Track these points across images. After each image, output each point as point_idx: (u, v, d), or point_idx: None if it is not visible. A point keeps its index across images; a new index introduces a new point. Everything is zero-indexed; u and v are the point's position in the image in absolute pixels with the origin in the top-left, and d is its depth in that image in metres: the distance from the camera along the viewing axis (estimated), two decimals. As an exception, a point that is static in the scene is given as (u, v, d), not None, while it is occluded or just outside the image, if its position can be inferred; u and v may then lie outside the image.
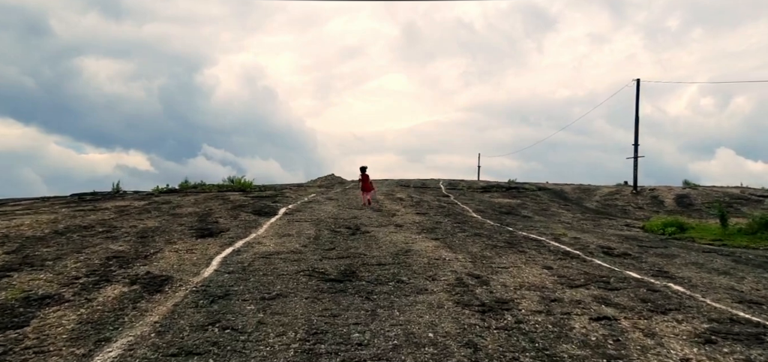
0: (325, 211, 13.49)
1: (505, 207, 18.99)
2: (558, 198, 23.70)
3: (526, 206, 19.67)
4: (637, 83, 22.74)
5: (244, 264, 7.08)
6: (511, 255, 8.41)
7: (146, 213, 11.58)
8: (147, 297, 5.50)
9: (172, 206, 12.94)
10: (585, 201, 22.72)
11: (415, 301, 5.70)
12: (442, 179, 33.73)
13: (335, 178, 41.54)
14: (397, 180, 33.11)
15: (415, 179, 34.37)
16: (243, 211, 12.46)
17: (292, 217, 11.99)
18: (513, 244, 9.58)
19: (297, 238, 9.29)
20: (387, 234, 10.28)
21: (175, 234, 9.01)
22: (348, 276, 6.72)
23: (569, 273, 7.06)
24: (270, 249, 8.15)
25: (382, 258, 7.78)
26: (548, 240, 10.42)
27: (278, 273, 6.73)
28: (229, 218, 11.37)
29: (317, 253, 8.04)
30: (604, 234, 12.03)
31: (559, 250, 9.03)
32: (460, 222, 12.78)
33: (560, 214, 17.51)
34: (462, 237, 10.22)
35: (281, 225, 10.87)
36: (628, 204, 20.83)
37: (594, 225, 14.44)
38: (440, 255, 8.19)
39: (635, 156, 22.84)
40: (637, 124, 22.74)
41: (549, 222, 14.75)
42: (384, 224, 11.75)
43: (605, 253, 8.94)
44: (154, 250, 7.62)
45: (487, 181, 34.77)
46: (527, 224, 13.97)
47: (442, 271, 7.06)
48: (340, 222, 11.55)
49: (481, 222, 13.39)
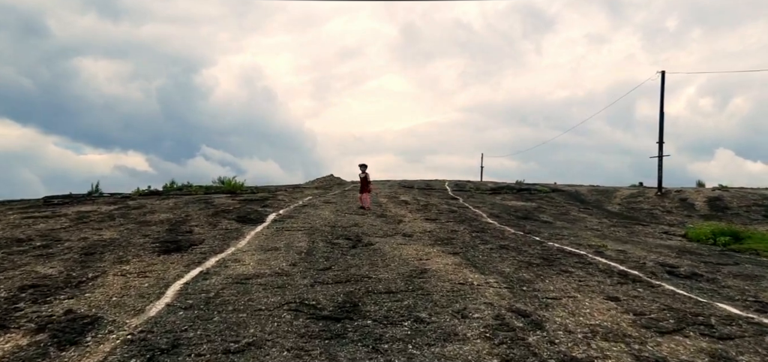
0: (322, 217, 11.72)
1: (521, 211, 17.22)
2: (574, 200, 21.94)
3: (544, 210, 17.90)
4: (662, 76, 20.98)
5: (209, 293, 5.31)
6: (555, 277, 6.64)
7: (109, 220, 9.81)
8: (52, 355, 3.74)
9: (143, 212, 11.16)
10: (605, 203, 20.96)
11: (442, 354, 3.95)
12: (447, 180, 31.99)
13: (334, 179, 39.77)
14: (400, 181, 31.34)
15: (419, 180, 32.61)
16: (225, 218, 10.68)
17: (282, 225, 10.21)
18: (551, 261, 7.81)
19: (285, 254, 7.52)
20: (395, 246, 8.52)
21: (133, 250, 7.24)
22: (348, 311, 4.96)
23: (644, 306, 5.29)
24: (248, 270, 6.38)
25: (391, 283, 6.02)
26: (590, 254, 8.65)
27: (254, 307, 4.96)
28: (206, 226, 9.60)
29: (308, 275, 6.27)
30: (649, 245, 10.26)
31: (611, 269, 7.26)
32: (478, 231, 11.01)
33: (584, 219, 15.74)
34: (486, 251, 8.45)
35: (268, 235, 9.09)
36: (654, 207, 19.07)
37: (628, 233, 12.67)
38: (465, 277, 6.42)
39: (660, 155, 21.06)
40: (661, 120, 20.94)
41: (576, 230, 12.99)
42: (390, 233, 9.98)
43: (670, 273, 7.16)
44: (95, 274, 5.85)
45: (494, 181, 33.02)
46: (553, 232, 12.21)
47: (472, 303, 5.29)
48: (339, 232, 9.79)
49: (501, 230, 11.62)
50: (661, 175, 20.81)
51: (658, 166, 21.02)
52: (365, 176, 14.99)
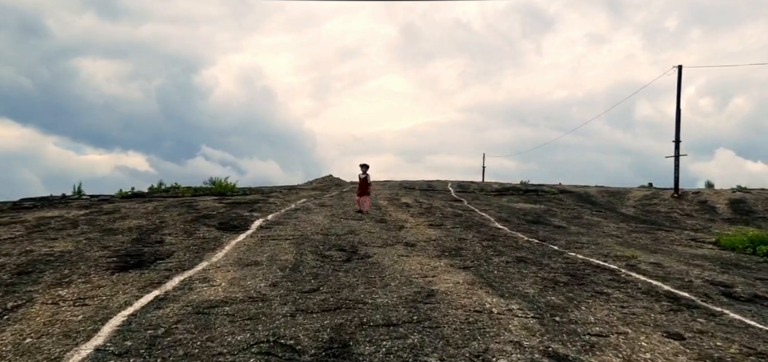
0: (314, 223, 10.54)
1: (530, 214, 16.04)
2: (585, 202, 20.75)
3: (554, 213, 16.71)
4: (678, 70, 19.74)
5: (158, 330, 4.14)
6: (591, 301, 5.46)
7: (70, 228, 8.64)
8: None
9: (114, 217, 10.00)
10: (617, 206, 19.77)
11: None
12: (449, 181, 30.82)
13: (333, 180, 38.64)
14: (400, 181, 30.18)
15: (420, 180, 31.45)
16: (205, 224, 9.51)
17: (268, 233, 9.04)
18: (579, 278, 6.64)
19: (266, 270, 6.35)
20: (396, 259, 7.34)
21: (82, 267, 6.07)
22: (335, 355, 3.80)
23: (720, 348, 4.12)
24: (217, 294, 5.21)
25: (392, 310, 4.86)
26: (622, 268, 7.47)
27: (213, 351, 3.80)
28: (181, 235, 8.43)
29: (290, 300, 5.10)
30: (682, 256, 9.08)
31: (655, 290, 6.08)
32: (489, 239, 9.84)
33: (599, 224, 14.56)
34: (501, 266, 7.27)
35: (250, 246, 7.92)
36: (671, 210, 17.89)
37: (653, 241, 11.49)
38: (482, 301, 5.26)
39: (676, 154, 19.82)
40: (678, 118, 19.70)
41: (594, 236, 11.81)
42: (390, 242, 8.81)
43: (727, 295, 5.99)
44: (17, 302, 4.68)
45: (498, 182, 31.84)
46: (570, 239, 11.03)
47: (495, 341, 4.13)
48: (332, 240, 8.61)
49: (513, 238, 10.44)
50: (677, 176, 19.59)
51: (674, 167, 19.77)
52: (365, 177, 13.77)
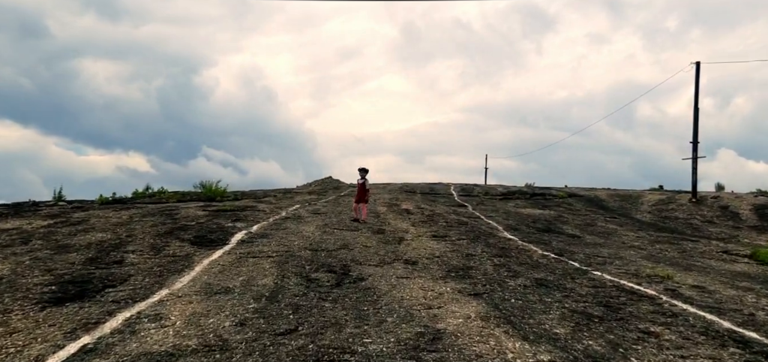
0: (304, 236, 9.42)
1: (541, 221, 14.91)
2: (596, 207, 19.61)
3: (566, 220, 15.59)
4: (696, 67, 18.53)
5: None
6: (640, 347, 4.33)
7: (19, 245, 7.53)
8: None
9: (77, 230, 8.89)
10: (631, 211, 18.62)
11: None
12: (452, 183, 29.69)
13: (332, 182, 37.54)
14: (400, 184, 29.07)
15: (422, 183, 30.33)
16: (179, 238, 8.39)
17: (248, 248, 7.91)
18: (614, 310, 5.51)
19: (237, 301, 5.23)
20: (394, 283, 6.22)
21: (7, 299, 4.95)
22: None
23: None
24: (165, 340, 4.09)
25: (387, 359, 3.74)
26: (660, 294, 6.33)
27: None
28: (147, 253, 7.31)
29: (258, 349, 3.98)
30: (722, 274, 7.94)
31: (711, 328, 4.95)
32: (500, 253, 8.71)
33: (616, 233, 13.43)
34: (518, 291, 6.15)
35: (225, 266, 6.80)
36: (691, 216, 16.74)
37: (681, 254, 10.35)
38: (501, 348, 4.13)
39: (694, 156, 18.61)
40: (696, 116, 18.48)
41: (615, 248, 10.69)
42: (388, 259, 7.68)
43: (804, 336, 4.85)
44: None
45: (503, 185, 30.70)
46: (588, 251, 9.91)
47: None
48: (321, 258, 7.49)
49: (527, 251, 9.32)
50: (695, 179, 18.36)
51: (692, 169, 18.54)
52: (364, 183, 12.63)
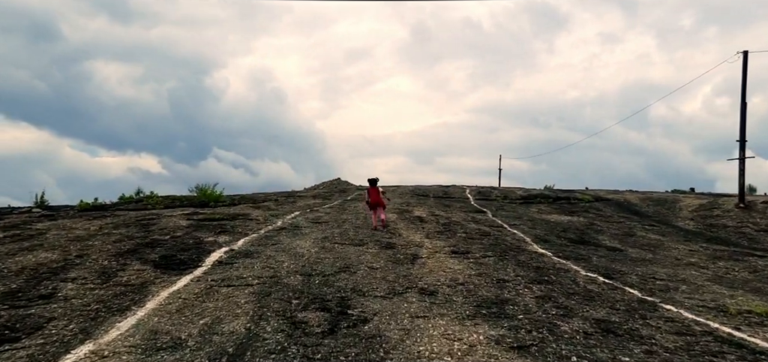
0: (297, 253, 7.81)
1: (572, 230, 13.17)
2: (629, 213, 17.77)
3: (599, 228, 13.82)
4: (743, 56, 16.60)
5: None
6: None
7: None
8: None
9: (21, 247, 7.36)
10: (670, 218, 16.75)
11: None
12: (467, 186, 27.95)
13: (339, 184, 35.99)
14: (412, 187, 27.38)
15: (434, 186, 28.63)
16: (143, 258, 6.83)
17: (225, 273, 6.32)
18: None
19: None
20: (407, 327, 4.58)
21: None
22: None
23: None
24: None
25: None
26: (777, 347, 4.61)
27: None
28: (92, 280, 5.75)
29: None
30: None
31: None
32: (537, 278, 7.02)
33: (663, 245, 11.64)
34: (579, 344, 4.47)
35: (187, 300, 5.21)
36: (741, 224, 14.85)
37: (753, 274, 8.57)
38: None
39: (742, 156, 16.62)
40: (743, 112, 16.45)
41: (672, 267, 8.93)
42: (399, 288, 6.04)
43: None
44: None
45: (521, 188, 28.86)
46: (640, 270, 8.19)
47: None
48: (314, 288, 5.87)
49: (568, 272, 7.62)
50: (743, 182, 16.42)
51: (739, 171, 16.58)
52: (375, 190, 11.58)
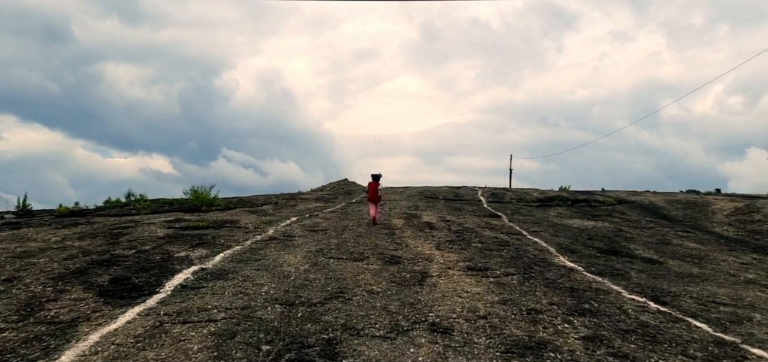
0: (283, 272, 6.54)
1: (598, 238, 11.79)
2: (656, 217, 16.31)
3: (629, 235, 12.41)
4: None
5: None
6: None
7: None
8: None
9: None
10: (704, 222, 15.27)
11: None
12: (478, 187, 26.57)
13: (345, 186, 34.75)
14: (420, 188, 26.05)
15: (444, 187, 27.27)
16: (88, 281, 5.60)
17: (185, 303, 5.06)
18: None
19: None
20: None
21: None
22: None
23: None
24: None
25: None
26: None
27: None
28: (10, 315, 4.52)
29: None
30: None
31: None
32: (576, 306, 5.68)
33: (707, 257, 10.22)
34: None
35: (120, 348, 3.96)
36: (788, 230, 13.36)
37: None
38: None
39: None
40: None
41: (728, 285, 7.54)
42: (404, 322, 4.74)
43: None
44: None
45: (535, 189, 27.40)
46: (696, 292, 6.82)
47: None
48: (295, 322, 4.60)
49: (608, 294, 6.28)
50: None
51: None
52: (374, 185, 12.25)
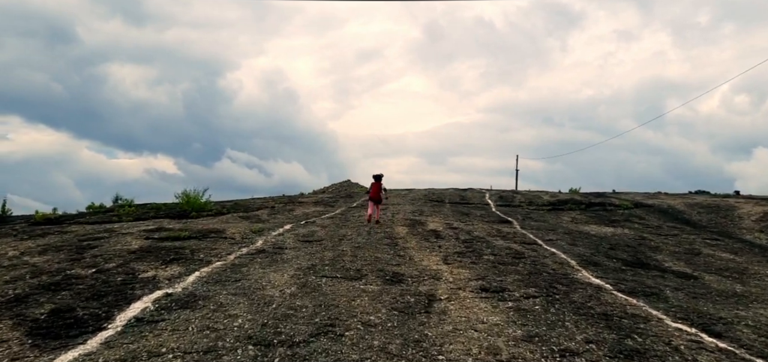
0: (264, 298, 5.55)
1: (620, 247, 10.76)
2: (679, 222, 15.24)
3: (653, 244, 11.36)
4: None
5: None
6: None
7: None
8: None
9: None
10: (731, 228, 14.19)
11: None
12: (485, 190, 25.52)
13: (348, 187, 33.79)
14: (425, 190, 25.04)
15: (449, 189, 26.25)
16: (21, 314, 4.63)
17: (133, 345, 4.07)
18: None
19: None
20: None
21: None
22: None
23: None
24: None
25: None
26: None
27: None
28: None
29: None
30: None
31: None
32: (622, 348, 4.66)
33: (744, 269, 9.17)
34: None
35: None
36: (827, 238, 12.25)
37: None
38: None
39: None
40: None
41: (783, 308, 6.49)
42: (407, 372, 3.75)
43: None
44: None
45: (545, 192, 26.35)
46: (750, 318, 5.79)
47: None
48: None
49: (646, 320, 5.27)
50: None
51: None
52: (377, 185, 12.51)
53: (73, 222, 11.29)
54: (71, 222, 11.28)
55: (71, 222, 11.15)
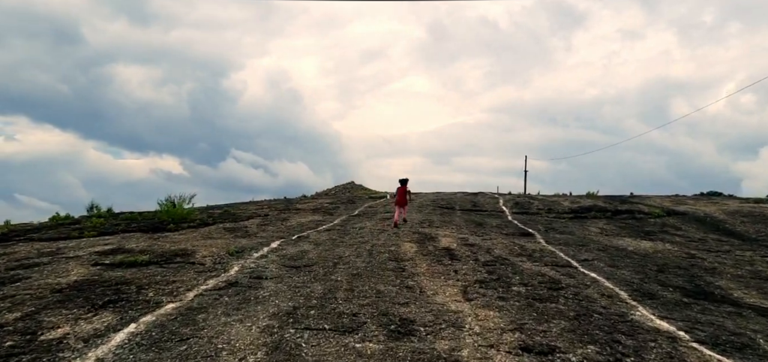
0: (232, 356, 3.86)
1: (669, 269, 9.00)
2: (721, 233, 13.45)
3: (708, 265, 9.60)
4: None
5: None
6: None
7: None
8: None
9: None
10: (786, 243, 12.38)
11: None
12: (498, 195, 23.75)
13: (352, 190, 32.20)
14: (433, 195, 23.32)
15: (459, 193, 24.50)
16: None
17: None
18: None
19: None
20: None
21: None
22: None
23: None
24: None
25: None
26: None
27: None
28: None
29: None
30: None
31: None
32: None
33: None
34: None
35: None
36: None
37: None
38: None
39: None
40: None
41: None
42: None
43: None
44: None
45: (564, 196, 24.53)
46: None
47: None
48: None
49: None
50: None
51: None
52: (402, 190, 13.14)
53: (24, 238, 9.66)
54: (22, 238, 9.65)
55: (21, 239, 9.52)
